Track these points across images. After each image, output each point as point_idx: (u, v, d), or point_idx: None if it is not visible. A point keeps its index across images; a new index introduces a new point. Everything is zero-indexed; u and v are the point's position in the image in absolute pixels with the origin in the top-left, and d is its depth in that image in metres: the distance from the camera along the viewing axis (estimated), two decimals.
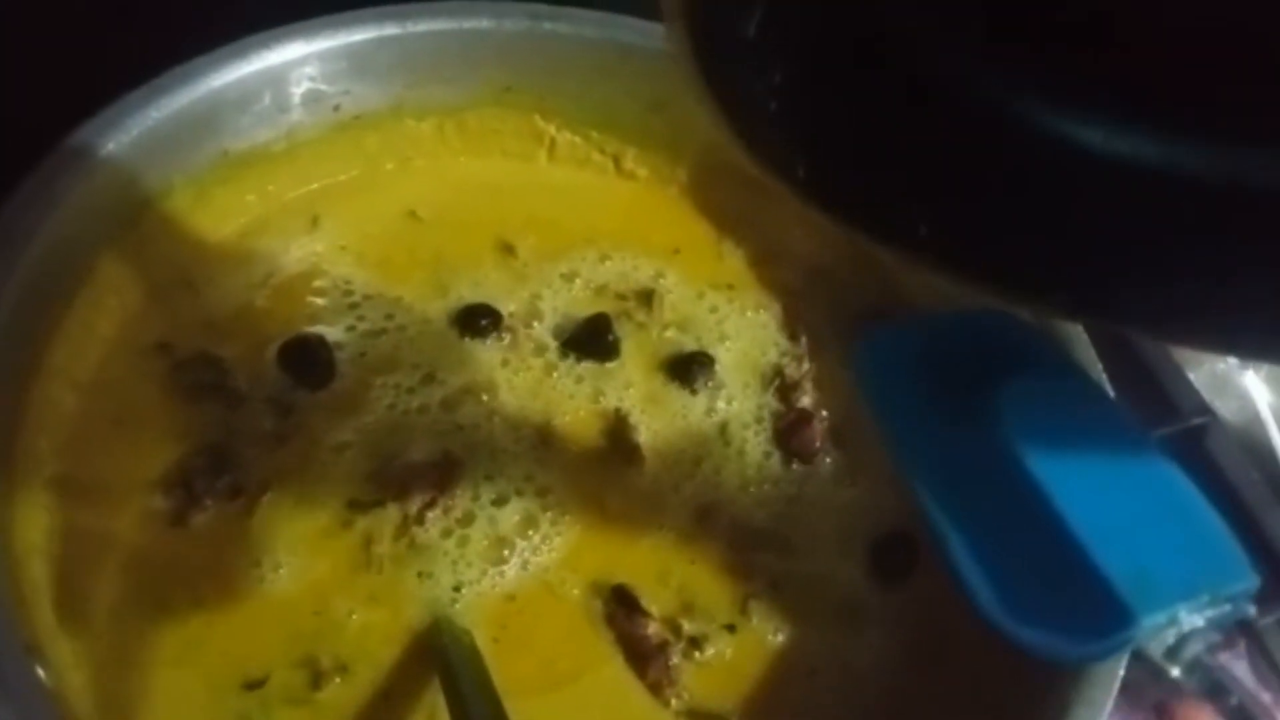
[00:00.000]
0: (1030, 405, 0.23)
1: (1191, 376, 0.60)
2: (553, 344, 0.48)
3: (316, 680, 0.37)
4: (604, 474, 0.44)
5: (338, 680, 0.38)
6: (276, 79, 0.47)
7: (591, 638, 0.40)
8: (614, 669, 0.40)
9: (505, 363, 0.47)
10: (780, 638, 0.42)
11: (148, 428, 0.42)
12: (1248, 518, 0.53)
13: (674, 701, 0.39)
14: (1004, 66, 0.19)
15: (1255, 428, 0.62)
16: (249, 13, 0.46)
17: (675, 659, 0.40)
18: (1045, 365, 0.25)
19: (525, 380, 0.47)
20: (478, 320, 0.48)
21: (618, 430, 0.45)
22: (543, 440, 0.45)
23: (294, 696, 0.37)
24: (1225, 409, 0.61)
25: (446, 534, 0.42)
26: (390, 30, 0.49)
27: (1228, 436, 0.57)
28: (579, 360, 0.48)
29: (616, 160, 0.55)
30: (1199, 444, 0.56)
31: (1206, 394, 0.59)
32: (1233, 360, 0.64)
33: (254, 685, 0.37)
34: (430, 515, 0.42)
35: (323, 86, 0.49)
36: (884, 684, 0.41)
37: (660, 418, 0.47)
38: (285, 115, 0.48)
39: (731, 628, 0.41)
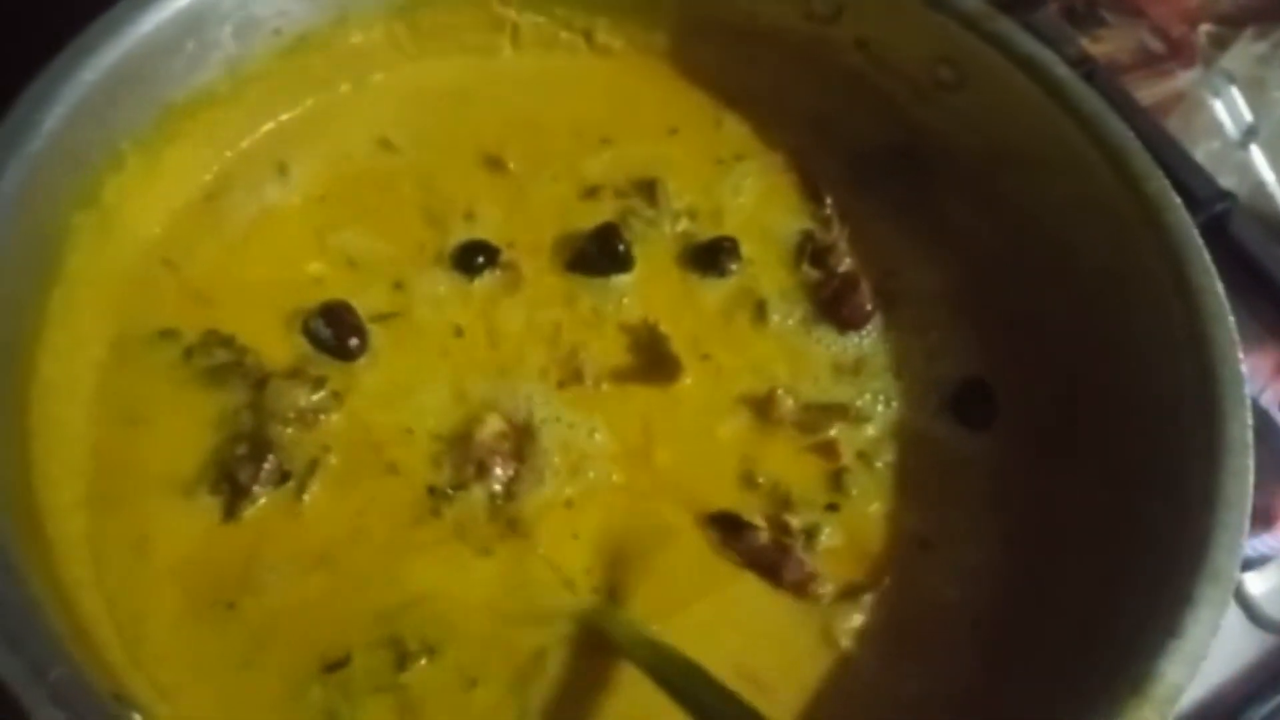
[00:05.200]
0: None
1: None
2: (561, 268, 0.44)
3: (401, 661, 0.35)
4: (649, 394, 0.41)
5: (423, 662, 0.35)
6: (206, 11, 0.42)
7: (713, 562, 0.38)
8: (747, 584, 0.38)
9: (514, 299, 0.43)
10: (879, 506, 0.40)
11: (167, 423, 0.39)
12: None
13: (822, 593, 0.37)
14: None
15: (1260, 199, 0.61)
16: None
17: (801, 556, 0.38)
18: None
19: (541, 315, 0.42)
20: (473, 259, 0.43)
21: (650, 344, 0.42)
22: (575, 376, 0.41)
23: (378, 682, 0.35)
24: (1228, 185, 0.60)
25: (543, 509, 0.38)
26: None
27: (1249, 218, 0.56)
28: (593, 278, 0.43)
29: (588, 35, 0.50)
30: (1224, 230, 0.54)
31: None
32: (1232, 136, 0.62)
33: (335, 667, 0.34)
34: (518, 490, 0.38)
35: (256, 10, 0.44)
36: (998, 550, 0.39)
37: (691, 316, 0.43)
38: (221, 50, 0.43)
39: (834, 506, 0.39)
